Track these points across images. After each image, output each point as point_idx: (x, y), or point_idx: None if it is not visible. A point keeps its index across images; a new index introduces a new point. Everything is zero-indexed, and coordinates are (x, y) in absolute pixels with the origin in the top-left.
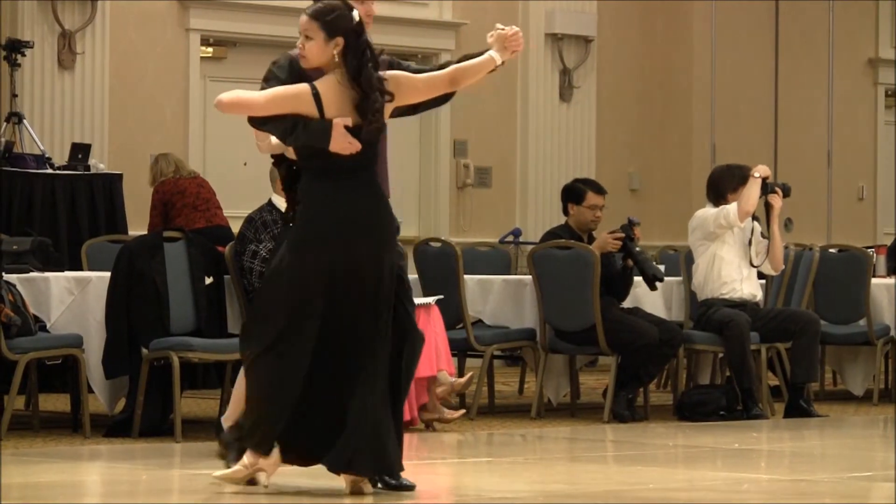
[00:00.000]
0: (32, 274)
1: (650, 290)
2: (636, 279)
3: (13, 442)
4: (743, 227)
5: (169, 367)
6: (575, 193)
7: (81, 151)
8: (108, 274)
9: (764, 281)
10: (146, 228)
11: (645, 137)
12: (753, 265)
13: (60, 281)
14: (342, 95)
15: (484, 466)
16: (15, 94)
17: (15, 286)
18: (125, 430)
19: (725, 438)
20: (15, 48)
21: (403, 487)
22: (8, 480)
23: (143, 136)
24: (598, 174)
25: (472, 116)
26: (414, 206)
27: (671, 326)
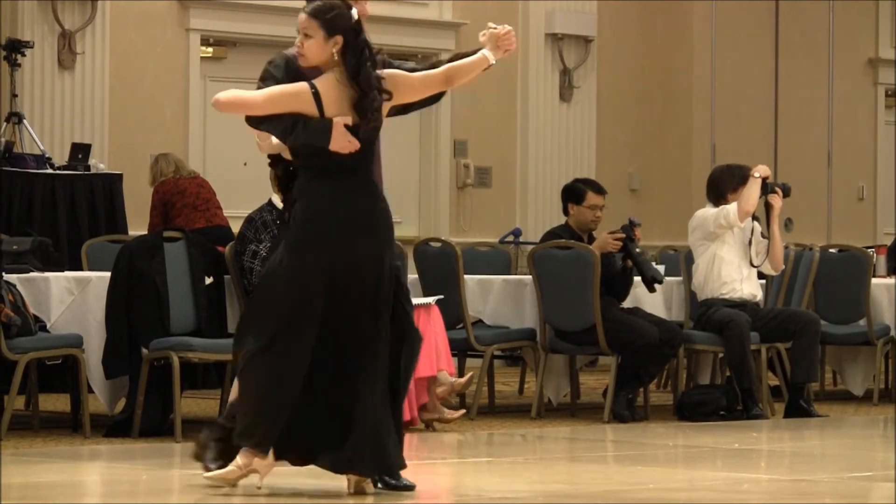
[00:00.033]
0: (32, 274)
1: (649, 291)
2: (636, 279)
3: (13, 442)
4: (743, 227)
5: (169, 367)
6: (575, 193)
7: (81, 151)
8: (108, 274)
9: (764, 281)
10: (146, 228)
11: (645, 137)
12: (753, 265)
13: (60, 281)
14: (341, 94)
15: (484, 466)
16: (15, 94)
17: (15, 286)
18: (125, 430)
19: (725, 438)
20: (15, 48)
21: (403, 487)
22: (8, 480)
23: (143, 136)
24: (598, 174)
25: (472, 116)
26: (414, 206)
27: (671, 326)
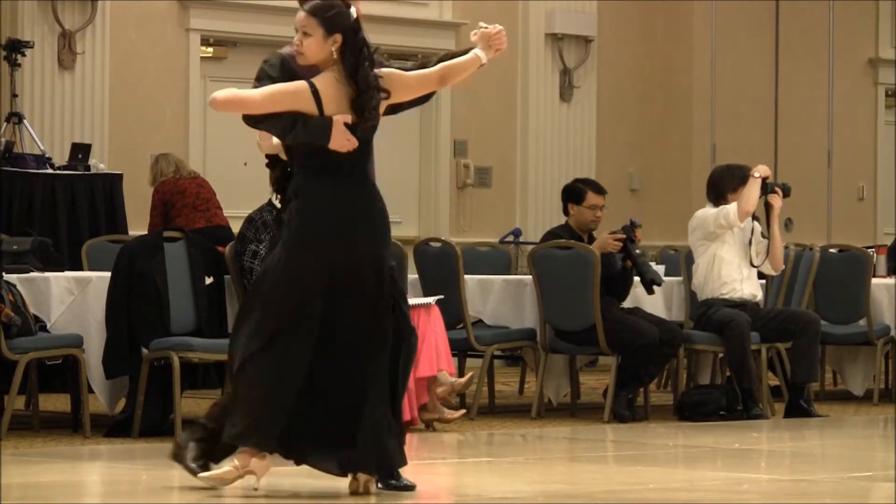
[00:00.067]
0: (33, 274)
1: (647, 293)
2: (636, 279)
3: (13, 442)
4: (743, 227)
5: (169, 367)
6: (575, 193)
7: (81, 151)
8: (108, 274)
9: (764, 281)
10: (146, 228)
11: (645, 137)
12: (753, 265)
13: (61, 281)
14: (340, 92)
15: (484, 466)
16: (15, 94)
17: (15, 286)
18: (125, 430)
19: (726, 438)
20: (15, 48)
21: (403, 487)
22: (8, 480)
23: (143, 136)
24: (598, 174)
25: (472, 116)
26: (414, 206)
27: (671, 326)
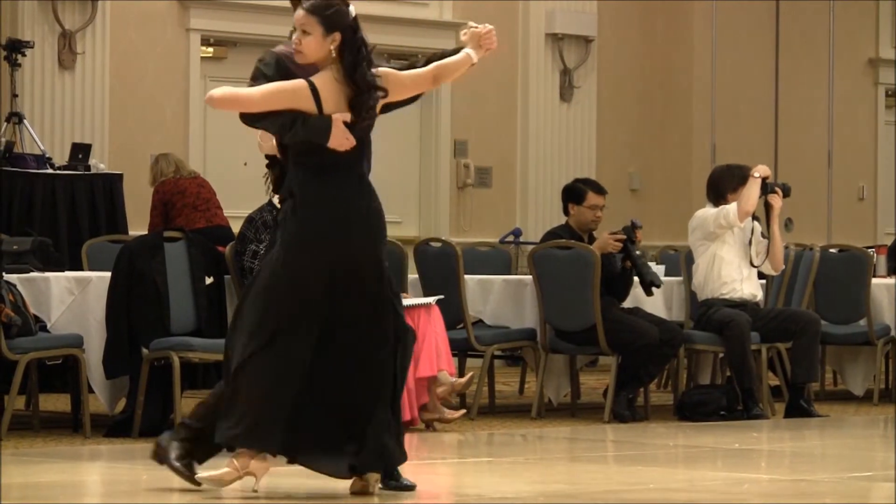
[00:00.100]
0: (33, 274)
1: (646, 295)
2: (636, 280)
3: (13, 442)
4: (743, 227)
5: (169, 367)
6: (575, 193)
7: (82, 151)
8: (108, 274)
9: (764, 281)
10: (146, 228)
11: (645, 137)
12: (754, 265)
13: (61, 281)
14: (338, 91)
15: (484, 466)
16: (15, 94)
17: (15, 286)
18: (125, 430)
19: (726, 438)
20: (15, 48)
21: (403, 487)
22: (8, 480)
23: (143, 136)
24: (598, 174)
25: (472, 116)
26: (414, 206)
27: (671, 326)
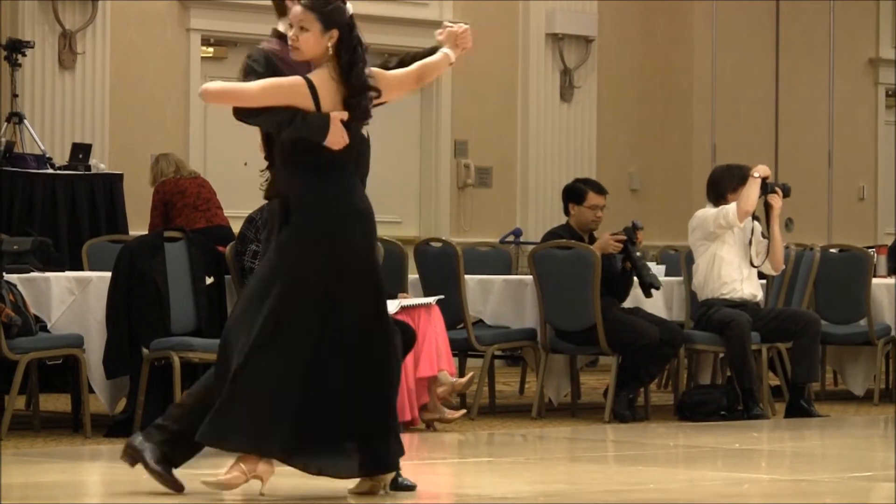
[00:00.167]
0: (33, 274)
1: (646, 297)
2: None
3: (14, 442)
4: (743, 227)
5: (169, 367)
6: (576, 193)
7: (82, 151)
8: (108, 274)
9: (764, 281)
10: (147, 228)
11: (645, 137)
12: (754, 265)
13: (61, 281)
14: (334, 90)
15: (485, 466)
16: (15, 94)
17: (15, 286)
18: (126, 430)
19: (726, 438)
20: (15, 48)
21: (404, 487)
22: (9, 480)
23: (143, 136)
24: (598, 174)
25: (472, 116)
26: (414, 206)
27: (672, 326)
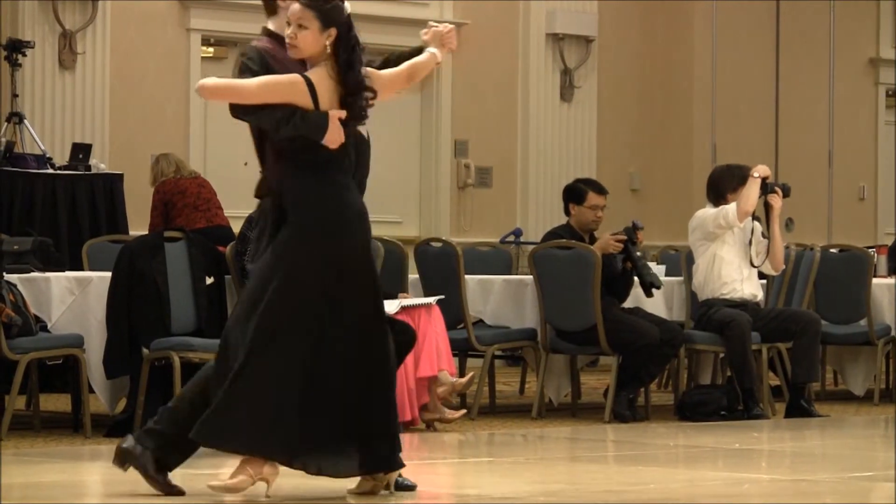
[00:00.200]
0: (33, 274)
1: (646, 296)
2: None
3: (14, 442)
4: (743, 227)
5: (170, 367)
6: (576, 193)
7: (82, 151)
8: (108, 274)
9: (765, 281)
10: (147, 228)
11: (645, 137)
12: (754, 265)
13: (61, 281)
14: (332, 89)
15: (485, 466)
16: (16, 94)
17: (16, 286)
18: (126, 430)
19: (726, 438)
20: (16, 48)
21: (404, 487)
22: (9, 480)
23: (143, 136)
24: (598, 174)
25: (472, 116)
26: (414, 206)
27: (672, 326)
